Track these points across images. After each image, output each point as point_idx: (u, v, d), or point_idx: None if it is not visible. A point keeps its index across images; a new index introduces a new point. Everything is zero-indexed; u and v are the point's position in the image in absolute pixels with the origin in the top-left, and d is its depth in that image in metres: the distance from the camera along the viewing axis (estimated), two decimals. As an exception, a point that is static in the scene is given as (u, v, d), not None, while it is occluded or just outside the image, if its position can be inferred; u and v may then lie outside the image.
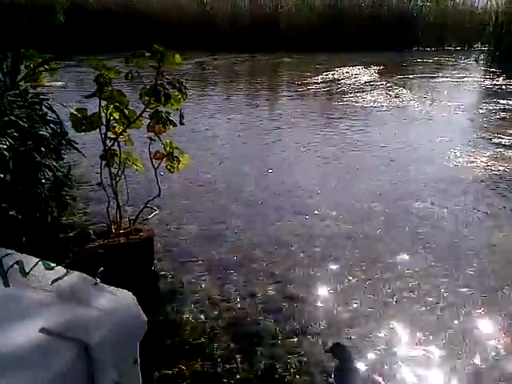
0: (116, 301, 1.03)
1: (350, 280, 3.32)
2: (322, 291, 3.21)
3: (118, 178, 3.39)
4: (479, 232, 4.07)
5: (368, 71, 11.76)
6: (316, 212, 4.35)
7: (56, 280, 1.14)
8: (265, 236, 3.93)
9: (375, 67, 12.14)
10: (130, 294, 1.09)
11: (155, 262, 3.47)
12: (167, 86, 2.88)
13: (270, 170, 5.41)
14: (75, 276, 1.16)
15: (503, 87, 10.13)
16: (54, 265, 1.22)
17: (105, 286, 1.05)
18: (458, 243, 3.86)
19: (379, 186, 4.97)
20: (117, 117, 3.14)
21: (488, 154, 6.01)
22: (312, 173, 5.36)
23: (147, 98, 2.95)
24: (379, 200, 4.63)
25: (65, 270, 1.18)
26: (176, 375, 2.45)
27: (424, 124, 7.49)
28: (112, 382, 0.95)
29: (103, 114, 3.09)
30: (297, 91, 9.78)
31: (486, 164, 5.66)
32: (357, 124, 7.32)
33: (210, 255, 3.63)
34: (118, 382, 0.96)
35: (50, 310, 0.96)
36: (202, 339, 2.73)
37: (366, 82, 10.50)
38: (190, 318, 2.91)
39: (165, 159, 3.38)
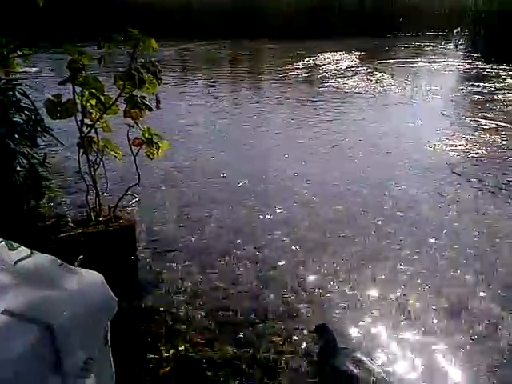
0: (82, 281, 1.00)
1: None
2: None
3: (96, 166, 3.34)
4: (452, 214, 4.13)
5: (349, 57, 11.76)
6: (296, 196, 4.37)
7: (19, 261, 1.10)
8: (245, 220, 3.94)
9: (356, 53, 12.14)
10: (98, 274, 1.05)
11: (137, 249, 3.45)
12: (142, 70, 2.84)
13: (249, 153, 5.41)
14: (40, 257, 1.13)
15: (482, 71, 10.22)
16: (18, 245, 1.19)
17: (71, 266, 1.02)
18: (423, 224, 3.92)
19: (356, 170, 5.00)
20: (93, 103, 3.09)
21: (467, 137, 6.08)
22: (291, 156, 5.36)
23: (122, 83, 2.91)
24: (356, 182, 4.66)
25: (29, 251, 1.15)
26: (159, 359, 2.45)
27: (404, 108, 7.54)
28: (80, 364, 0.92)
29: (78, 101, 3.04)
30: (279, 77, 9.74)
31: (464, 147, 5.72)
32: (338, 109, 7.33)
33: (191, 242, 3.62)
34: (87, 365, 0.94)
35: (12, 291, 0.92)
36: (184, 325, 2.73)
37: (347, 68, 10.51)
38: (172, 305, 2.90)
39: (144, 146, 3.34)
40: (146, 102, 3.06)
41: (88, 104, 3.12)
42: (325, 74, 9.91)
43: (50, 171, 3.56)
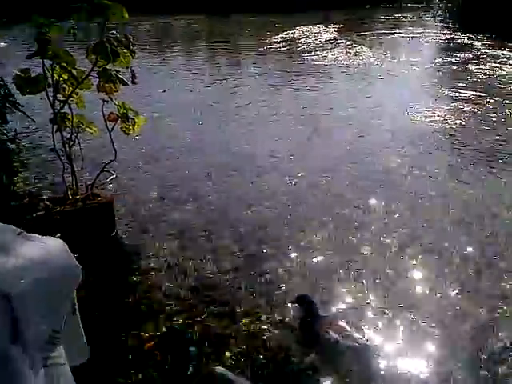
0: (43, 249, 0.95)
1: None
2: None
3: (71, 143, 3.27)
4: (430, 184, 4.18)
5: (327, 29, 11.64)
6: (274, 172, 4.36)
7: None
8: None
9: (335, 25, 12.01)
10: (61, 241, 1.01)
11: (116, 226, 3.41)
12: (115, 43, 2.75)
13: (226, 129, 5.35)
14: (-3, 226, 1.07)
15: (459, 41, 10.22)
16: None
17: (31, 234, 0.96)
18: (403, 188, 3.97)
19: (338, 144, 5.00)
20: (65, 77, 3.00)
21: (446, 108, 6.10)
22: (270, 130, 5.32)
23: (94, 56, 2.82)
24: (339, 156, 4.67)
25: (-17, 221, 1.10)
26: (143, 336, 2.44)
27: (384, 81, 7.51)
28: (44, 335, 0.89)
29: (49, 75, 2.94)
30: (257, 51, 9.60)
31: (443, 118, 5.75)
32: (317, 82, 7.27)
33: (172, 218, 3.58)
34: (53, 337, 0.90)
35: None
36: (168, 301, 2.71)
37: (325, 41, 10.40)
38: (154, 281, 2.89)
39: (119, 121, 3.27)
40: (120, 76, 2.98)
41: (60, 79, 3.02)
42: (303, 47, 9.81)
43: (23, 149, 3.47)
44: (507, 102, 6.25)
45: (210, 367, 2.15)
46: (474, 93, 6.63)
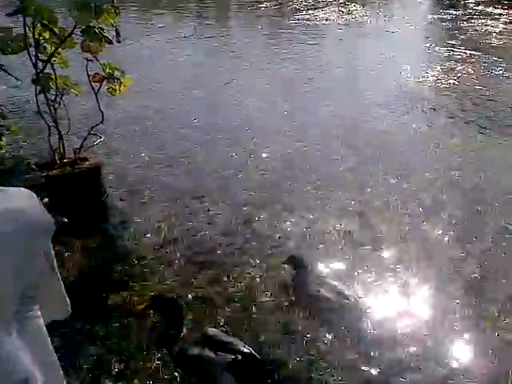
0: (8, 200, 0.87)
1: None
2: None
3: (56, 105, 3.17)
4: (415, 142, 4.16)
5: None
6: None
7: None
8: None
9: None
10: (30, 192, 0.93)
11: (106, 191, 3.35)
12: (98, -2, 2.62)
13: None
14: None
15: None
16: None
17: None
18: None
19: (328, 107, 4.93)
20: (46, 36, 2.87)
21: (438, 68, 6.01)
22: (257, 91, 5.22)
23: (76, 12, 2.69)
24: (328, 118, 4.61)
25: None
26: (135, 295, 2.43)
27: (377, 39, 7.38)
28: (18, 291, 0.84)
29: (31, 34, 2.82)
30: (247, 11, 9.34)
31: (436, 78, 5.68)
32: (310, 42, 7.10)
33: (162, 182, 3.54)
34: (27, 295, 0.86)
35: None
36: (158, 265, 2.70)
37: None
38: (144, 244, 2.86)
39: (105, 82, 3.17)
40: (105, 34, 2.86)
41: (41, 38, 2.90)
42: (295, 6, 9.54)
43: (6, 112, 3.37)
44: (500, 60, 6.17)
45: (204, 329, 2.17)
46: (465, 51, 6.53)
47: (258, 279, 2.58)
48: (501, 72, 5.78)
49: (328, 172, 3.67)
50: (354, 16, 8.67)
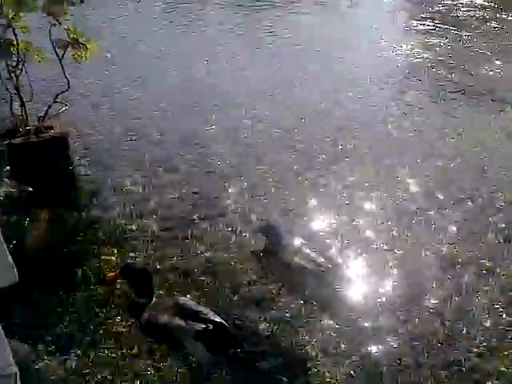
0: None
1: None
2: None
3: (18, 72, 3.03)
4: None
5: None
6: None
7: None
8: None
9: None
10: None
11: (73, 160, 3.25)
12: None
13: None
14: None
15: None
16: None
17: None
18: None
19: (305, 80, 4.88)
20: (6, -2, 2.73)
21: (413, 41, 5.99)
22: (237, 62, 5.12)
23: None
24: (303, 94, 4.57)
25: None
26: (105, 264, 2.38)
27: (352, 14, 7.29)
28: None
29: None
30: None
31: (410, 52, 5.67)
32: (284, 15, 6.95)
33: (131, 151, 3.45)
34: None
35: None
36: (129, 234, 2.64)
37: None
38: (114, 215, 2.80)
39: (70, 48, 3.03)
40: (68, -5, 2.73)
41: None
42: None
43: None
44: (472, 33, 6.19)
45: (175, 297, 2.14)
46: (436, 24, 6.51)
47: (230, 248, 2.55)
48: (472, 44, 5.83)
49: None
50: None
